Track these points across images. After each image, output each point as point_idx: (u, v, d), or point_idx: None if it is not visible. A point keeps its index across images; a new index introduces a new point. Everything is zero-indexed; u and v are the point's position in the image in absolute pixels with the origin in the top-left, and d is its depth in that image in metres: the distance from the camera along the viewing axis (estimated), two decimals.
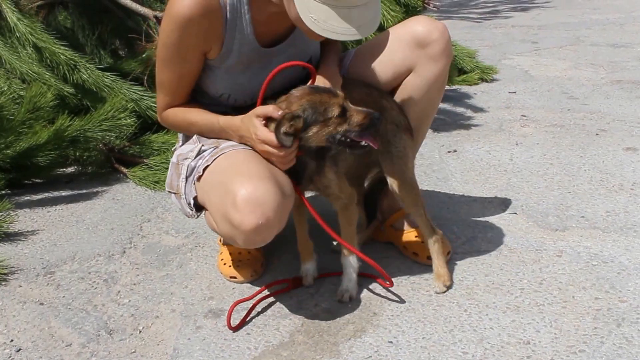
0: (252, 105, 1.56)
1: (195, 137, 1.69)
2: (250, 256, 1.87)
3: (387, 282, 1.72)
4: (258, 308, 1.69)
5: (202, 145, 1.64)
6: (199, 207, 1.63)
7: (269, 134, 1.47)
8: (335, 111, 1.47)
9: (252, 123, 1.50)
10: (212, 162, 1.55)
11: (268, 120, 1.49)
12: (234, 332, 1.60)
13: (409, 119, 1.74)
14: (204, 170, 1.56)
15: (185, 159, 1.64)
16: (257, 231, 1.43)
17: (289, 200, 1.51)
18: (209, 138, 1.66)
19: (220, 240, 1.96)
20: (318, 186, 1.64)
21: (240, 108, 1.64)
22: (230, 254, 1.87)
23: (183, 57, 1.57)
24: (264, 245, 1.54)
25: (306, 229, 1.77)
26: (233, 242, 1.59)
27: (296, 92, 1.51)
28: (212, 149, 1.60)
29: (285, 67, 1.52)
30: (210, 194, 1.55)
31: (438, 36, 1.66)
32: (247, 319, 1.64)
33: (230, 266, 1.84)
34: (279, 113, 1.46)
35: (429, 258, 1.79)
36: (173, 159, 1.70)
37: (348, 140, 1.50)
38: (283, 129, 1.44)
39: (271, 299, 1.73)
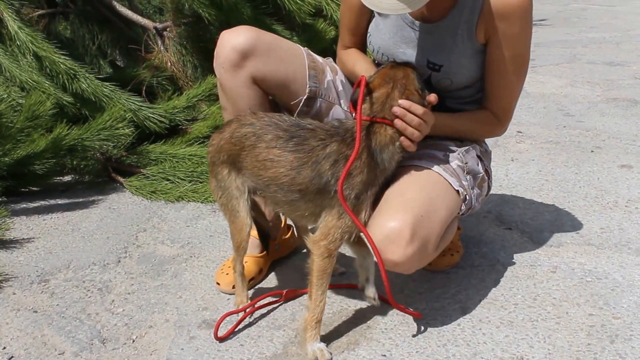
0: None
1: None
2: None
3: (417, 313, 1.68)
4: (251, 319, 1.69)
5: None
6: None
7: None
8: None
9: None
10: None
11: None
12: (220, 342, 1.59)
13: None
14: None
15: None
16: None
17: None
18: None
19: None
20: None
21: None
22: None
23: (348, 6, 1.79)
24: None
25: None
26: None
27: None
28: None
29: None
30: None
31: None
32: (235, 330, 1.63)
33: (226, 273, 1.84)
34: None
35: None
36: None
37: None
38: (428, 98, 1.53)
39: (265, 310, 1.73)
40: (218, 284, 1.83)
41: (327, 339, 1.59)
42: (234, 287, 1.77)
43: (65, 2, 3.40)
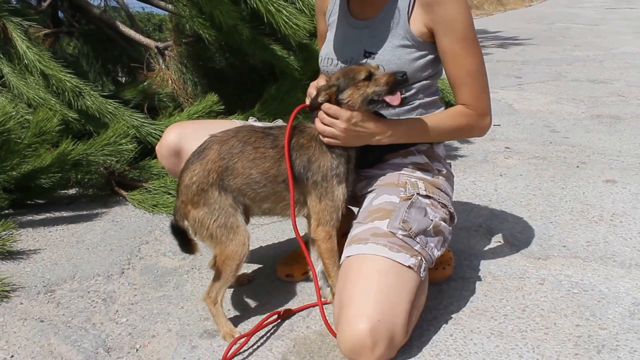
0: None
1: None
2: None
3: None
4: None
5: None
6: None
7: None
8: (362, 75, 1.62)
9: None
10: None
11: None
12: None
13: None
14: None
15: None
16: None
17: None
18: None
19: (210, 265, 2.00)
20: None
21: None
22: None
23: (318, 17, 2.02)
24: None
25: None
26: None
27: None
28: None
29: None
30: None
31: None
32: (239, 351, 1.63)
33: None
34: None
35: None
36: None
37: (381, 99, 1.63)
38: (320, 97, 1.65)
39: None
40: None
41: (324, 348, 1.62)
42: (287, 275, 1.99)
43: (70, 21, 3.47)
